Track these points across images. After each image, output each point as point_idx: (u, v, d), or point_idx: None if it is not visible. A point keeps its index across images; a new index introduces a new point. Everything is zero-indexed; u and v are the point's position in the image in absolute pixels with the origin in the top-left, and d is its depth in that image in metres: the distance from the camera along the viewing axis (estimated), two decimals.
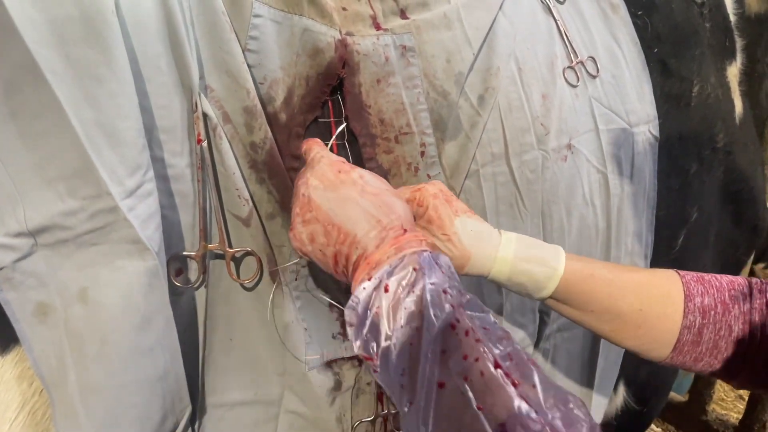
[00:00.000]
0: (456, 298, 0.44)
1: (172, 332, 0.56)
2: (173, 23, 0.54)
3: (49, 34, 0.45)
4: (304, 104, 0.65)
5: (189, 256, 0.61)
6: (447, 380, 0.39)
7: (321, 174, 0.55)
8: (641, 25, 0.92)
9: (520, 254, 0.60)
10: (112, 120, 0.49)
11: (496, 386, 0.38)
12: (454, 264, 0.57)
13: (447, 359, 0.40)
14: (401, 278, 0.46)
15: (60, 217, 0.48)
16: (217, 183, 0.60)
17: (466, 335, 0.41)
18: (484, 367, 0.39)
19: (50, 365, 0.51)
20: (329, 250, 0.53)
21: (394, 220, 0.52)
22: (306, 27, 0.62)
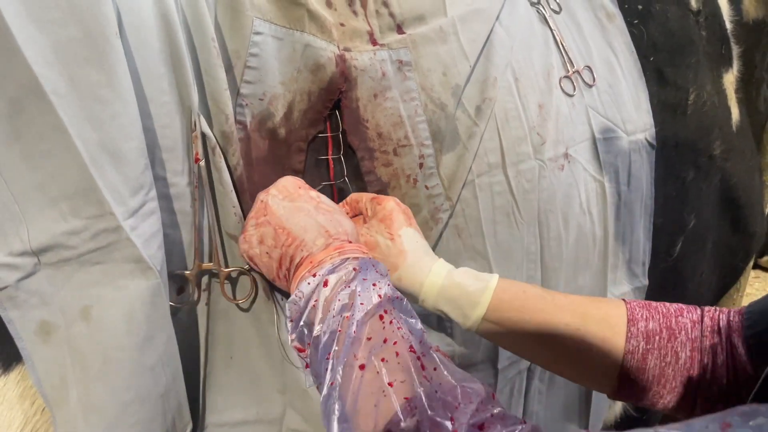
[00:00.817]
0: (386, 293, 0.48)
1: (173, 350, 0.56)
2: (175, 44, 0.55)
3: (52, 56, 0.46)
4: (306, 119, 0.65)
5: (186, 275, 0.61)
6: (367, 363, 0.43)
7: (282, 186, 0.59)
8: (637, 34, 0.93)
9: (455, 270, 0.63)
10: (115, 140, 0.49)
11: (406, 366, 0.42)
12: (390, 262, 0.62)
13: (370, 344, 0.44)
14: (340, 275, 0.50)
15: (63, 237, 0.49)
16: (214, 202, 0.60)
17: (390, 323, 0.45)
18: (400, 349, 0.43)
19: (53, 384, 0.51)
20: (276, 252, 0.56)
21: (341, 232, 0.56)
22: (308, 43, 0.63)
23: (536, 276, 0.80)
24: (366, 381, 0.42)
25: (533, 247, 0.79)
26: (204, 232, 0.61)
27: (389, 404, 0.40)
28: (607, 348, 0.56)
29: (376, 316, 0.46)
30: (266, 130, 0.63)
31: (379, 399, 0.40)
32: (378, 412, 0.40)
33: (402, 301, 0.50)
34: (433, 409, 0.39)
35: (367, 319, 0.46)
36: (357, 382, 0.42)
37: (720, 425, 0.29)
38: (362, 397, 0.41)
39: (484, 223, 0.74)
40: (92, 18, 0.47)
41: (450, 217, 0.73)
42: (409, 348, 0.43)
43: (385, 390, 0.41)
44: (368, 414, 0.40)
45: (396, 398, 0.40)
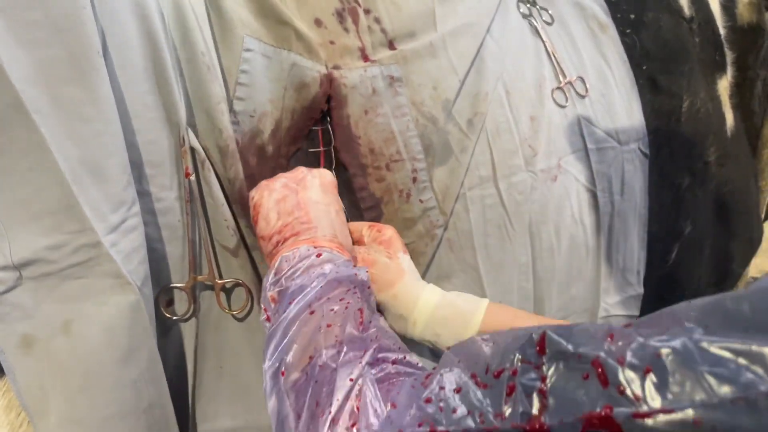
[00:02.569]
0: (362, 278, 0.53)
1: (156, 365, 0.56)
2: (160, 61, 0.55)
3: (35, 75, 0.46)
4: (288, 137, 0.66)
5: (179, 287, 0.61)
6: (317, 309, 0.48)
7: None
8: (630, 43, 0.93)
9: (447, 292, 0.65)
10: (97, 158, 0.50)
11: (347, 317, 0.47)
12: (388, 277, 0.64)
13: (327, 299, 0.49)
14: (331, 256, 0.55)
15: (45, 251, 0.49)
16: (206, 215, 0.61)
17: (355, 294, 0.51)
18: (350, 306, 0.48)
19: (34, 396, 0.52)
20: (285, 218, 0.58)
21: (344, 239, 0.60)
22: (294, 62, 0.63)
23: (528, 287, 0.80)
24: (312, 320, 0.47)
25: (524, 258, 0.79)
26: (197, 244, 0.61)
27: (320, 337, 0.45)
28: None
29: (343, 284, 0.51)
30: (255, 147, 0.64)
31: (316, 333, 0.46)
32: (312, 342, 0.45)
33: (371, 295, 0.55)
34: (355, 343, 0.44)
35: (335, 284, 0.51)
36: (305, 319, 0.47)
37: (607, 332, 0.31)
38: (305, 330, 0.46)
39: (476, 236, 0.74)
40: (75, 37, 0.47)
41: (444, 231, 0.73)
42: (358, 309, 0.49)
43: (322, 327, 0.46)
44: (305, 343, 0.45)
45: (327, 334, 0.45)
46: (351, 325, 0.46)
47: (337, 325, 0.46)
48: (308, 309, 0.48)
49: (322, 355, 0.43)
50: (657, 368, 0.26)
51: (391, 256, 0.64)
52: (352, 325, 0.46)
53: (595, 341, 0.30)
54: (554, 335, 0.32)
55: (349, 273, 0.52)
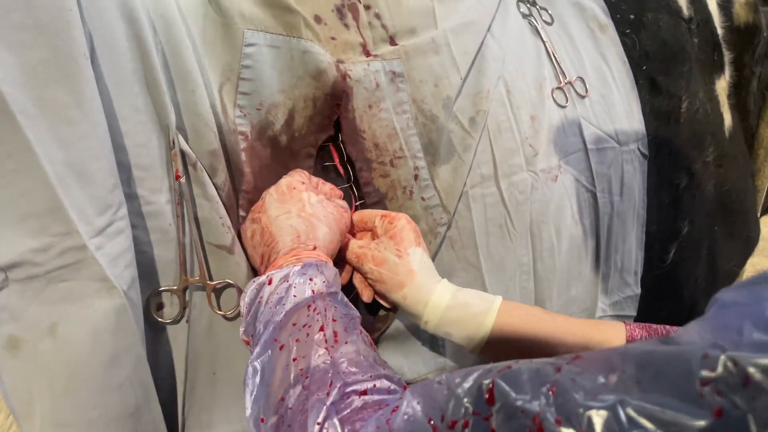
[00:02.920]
0: (319, 289, 0.53)
1: (144, 369, 0.56)
2: (149, 64, 0.55)
3: (21, 77, 0.46)
4: (313, 125, 0.65)
5: (170, 290, 0.61)
6: (285, 342, 0.48)
7: (279, 187, 0.62)
8: (629, 43, 0.93)
9: (459, 291, 0.64)
10: (82, 160, 0.50)
11: (311, 344, 0.46)
12: (397, 280, 0.64)
13: (293, 328, 0.49)
14: (283, 273, 0.54)
15: (31, 254, 0.49)
16: (196, 217, 0.60)
17: (314, 311, 0.50)
18: (311, 331, 0.48)
19: (20, 398, 0.52)
20: (260, 250, 0.61)
21: (310, 239, 0.59)
22: (306, 49, 0.63)
23: (529, 287, 0.80)
24: (280, 358, 0.47)
25: (525, 258, 0.79)
26: (187, 247, 0.61)
27: (289, 375, 0.45)
28: None
29: (305, 307, 0.50)
30: (267, 138, 0.64)
31: (285, 372, 0.45)
32: (282, 382, 0.45)
33: (337, 294, 0.54)
34: (321, 377, 0.43)
35: (295, 310, 0.50)
36: (274, 358, 0.47)
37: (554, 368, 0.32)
38: (276, 371, 0.46)
39: (477, 235, 0.74)
40: (60, 40, 0.47)
41: (447, 229, 0.73)
42: (319, 328, 0.48)
43: (289, 364, 0.46)
44: (277, 384, 0.45)
45: (294, 369, 0.45)
46: (315, 354, 0.46)
47: (301, 356, 0.46)
48: (276, 344, 0.48)
49: (290, 396, 0.43)
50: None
51: (401, 253, 0.64)
52: (316, 353, 0.46)
53: (539, 393, 0.30)
54: (503, 384, 0.32)
55: (304, 295, 0.52)
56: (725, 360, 0.24)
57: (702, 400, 0.24)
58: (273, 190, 0.62)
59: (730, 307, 0.28)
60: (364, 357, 0.46)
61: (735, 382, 0.24)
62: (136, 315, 0.55)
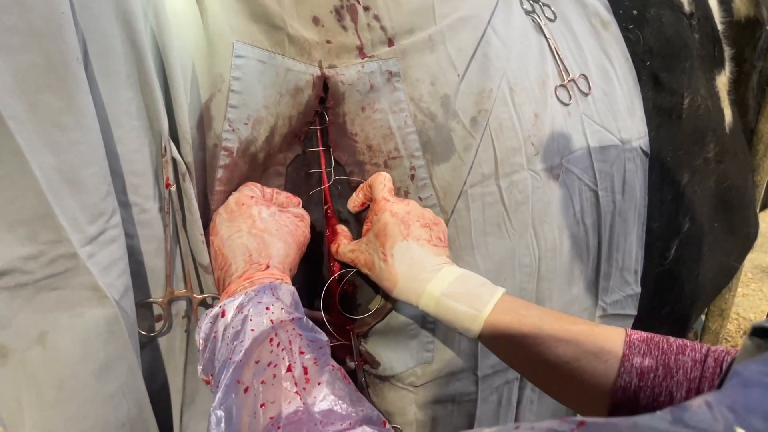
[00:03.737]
0: (278, 317, 0.49)
1: (136, 380, 0.55)
2: (143, 69, 0.53)
3: (12, 81, 0.44)
4: (284, 143, 0.64)
5: (156, 302, 0.60)
6: (250, 385, 0.44)
7: (227, 205, 0.60)
8: (633, 39, 0.92)
9: (450, 292, 0.60)
10: (74, 167, 0.48)
11: (279, 388, 0.43)
12: (386, 285, 0.62)
13: (256, 367, 0.45)
14: (237, 302, 0.51)
15: (20, 261, 0.48)
16: (185, 227, 0.59)
17: (277, 346, 0.46)
18: (278, 371, 0.44)
19: (9, 408, 0.51)
20: (216, 274, 0.59)
21: (263, 257, 0.56)
22: (288, 67, 0.62)
23: (530, 288, 0.79)
24: (246, 403, 0.44)
25: (527, 259, 0.78)
26: (176, 258, 0.60)
27: (258, 424, 0.42)
28: (598, 382, 0.54)
29: (266, 341, 0.47)
30: (249, 155, 0.62)
31: (252, 420, 0.42)
32: (251, 430, 0.42)
33: (301, 320, 0.51)
34: (293, 430, 0.40)
35: (255, 345, 0.47)
36: (240, 403, 0.44)
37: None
38: (243, 417, 0.43)
39: (475, 234, 0.73)
40: (53, 44, 0.45)
41: None
42: (287, 368, 0.44)
43: (256, 411, 0.42)
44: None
45: (262, 417, 0.42)
46: (286, 400, 0.42)
47: (270, 402, 0.43)
48: (240, 386, 0.45)
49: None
50: None
51: (384, 256, 0.62)
52: (285, 397, 0.43)
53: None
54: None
55: (262, 327, 0.49)
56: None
57: None
58: (222, 210, 0.60)
59: (753, 386, 0.26)
60: (341, 399, 0.43)
61: None
62: (128, 325, 0.54)
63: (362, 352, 0.73)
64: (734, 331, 2.26)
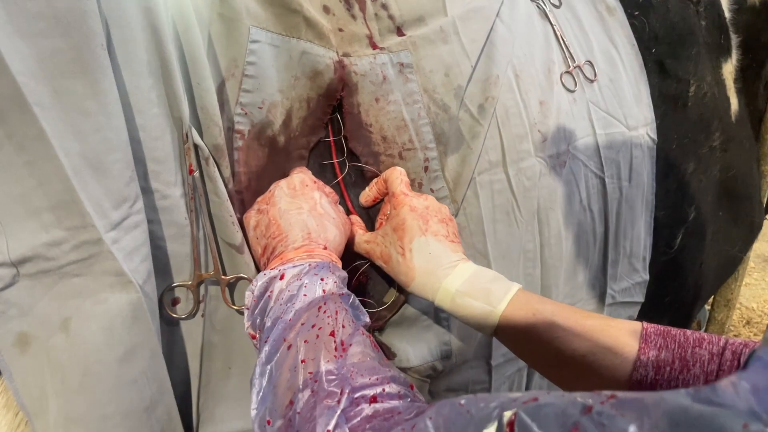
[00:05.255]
0: (330, 289, 0.52)
1: (158, 363, 0.55)
2: (164, 56, 0.53)
3: (36, 67, 0.44)
4: (306, 126, 0.64)
5: (185, 285, 0.60)
6: (292, 342, 0.47)
7: (290, 181, 0.62)
8: (638, 25, 0.92)
9: (465, 289, 0.60)
10: (98, 153, 0.48)
11: (320, 346, 0.45)
12: (402, 279, 0.63)
13: (301, 328, 0.48)
14: (296, 270, 0.53)
15: (43, 248, 0.48)
16: (209, 212, 0.59)
17: (324, 313, 0.49)
18: (321, 333, 0.47)
19: (32, 395, 0.51)
20: (263, 241, 0.59)
21: (322, 238, 0.59)
22: (304, 50, 0.62)
23: (535, 274, 0.79)
24: (287, 359, 0.46)
25: (530, 245, 0.78)
26: (201, 241, 0.60)
27: (297, 377, 0.44)
28: (614, 376, 0.54)
29: (315, 307, 0.50)
30: (265, 138, 0.62)
31: (292, 373, 0.44)
32: (290, 384, 0.44)
33: (349, 297, 0.53)
34: (330, 382, 0.42)
35: (304, 309, 0.50)
36: (281, 359, 0.46)
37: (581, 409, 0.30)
38: (282, 372, 0.45)
39: (485, 222, 0.73)
40: (78, 30, 0.45)
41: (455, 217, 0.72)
42: (330, 333, 0.47)
43: (297, 366, 0.45)
44: (284, 386, 0.44)
45: (302, 372, 0.44)
46: (324, 357, 0.44)
47: (310, 359, 0.45)
48: (284, 344, 0.47)
49: (299, 400, 0.42)
50: None
51: (402, 250, 0.62)
52: (325, 356, 0.45)
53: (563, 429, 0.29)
54: (526, 419, 0.31)
55: (315, 295, 0.51)
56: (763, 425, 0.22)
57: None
58: (284, 184, 0.61)
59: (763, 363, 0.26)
60: (371, 359, 0.45)
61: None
62: (151, 309, 0.54)
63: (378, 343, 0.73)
64: (737, 321, 2.25)
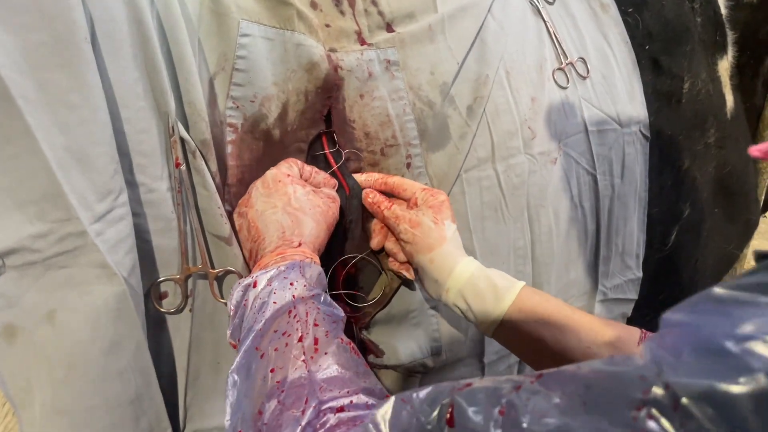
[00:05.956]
0: (300, 294, 0.52)
1: (144, 356, 0.55)
2: (149, 50, 0.54)
3: (21, 60, 0.45)
4: (304, 119, 0.64)
5: (173, 279, 0.60)
6: (264, 351, 0.47)
7: (264, 180, 0.62)
8: (632, 22, 0.91)
9: (484, 268, 0.64)
10: (83, 146, 0.49)
11: (288, 355, 0.46)
12: (429, 241, 0.64)
13: (273, 335, 0.48)
14: (268, 276, 0.54)
15: (29, 240, 0.48)
16: (196, 205, 0.60)
17: (294, 317, 0.49)
18: (290, 340, 0.47)
19: (18, 386, 0.51)
20: (248, 245, 0.61)
21: (295, 235, 0.59)
22: (299, 42, 0.62)
23: (526, 271, 0.79)
24: (260, 367, 0.46)
25: (521, 242, 0.78)
26: (188, 235, 0.60)
27: (266, 387, 0.44)
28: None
29: (285, 313, 0.50)
30: (260, 131, 0.63)
31: (262, 383, 0.45)
32: (260, 394, 0.44)
33: (320, 296, 0.53)
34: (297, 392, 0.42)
35: (275, 316, 0.50)
36: (254, 368, 0.47)
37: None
38: (255, 381, 0.46)
39: (472, 219, 0.73)
40: (62, 23, 0.46)
41: None
42: (298, 338, 0.47)
43: (266, 375, 0.45)
44: (255, 395, 0.45)
45: (271, 382, 0.44)
46: (293, 367, 0.45)
47: (279, 368, 0.45)
48: (257, 353, 0.48)
49: (267, 410, 0.43)
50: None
51: (437, 221, 0.64)
52: (293, 366, 0.45)
53: (491, 414, 0.31)
54: (461, 402, 0.33)
55: (284, 300, 0.51)
56: (659, 384, 0.25)
57: (634, 424, 0.25)
58: (259, 184, 0.61)
59: (672, 328, 0.28)
60: (345, 369, 0.45)
61: (666, 406, 0.24)
62: (136, 302, 0.54)
63: (365, 341, 0.73)
64: None
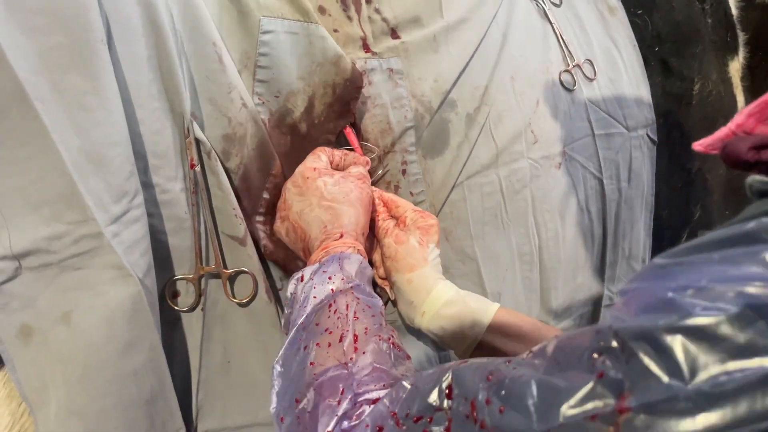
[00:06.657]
0: (338, 287, 0.53)
1: (159, 357, 0.56)
2: (165, 51, 0.54)
3: (38, 62, 0.45)
4: (332, 112, 0.65)
5: (186, 279, 0.61)
6: (307, 344, 0.49)
7: (294, 179, 0.62)
8: (641, 24, 0.91)
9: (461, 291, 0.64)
10: (99, 147, 0.49)
11: (328, 353, 0.47)
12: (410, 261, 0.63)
13: (315, 329, 0.50)
14: (311, 271, 0.55)
15: (44, 242, 0.49)
16: (211, 205, 0.60)
17: (334, 313, 0.51)
18: (332, 339, 0.48)
19: (33, 387, 0.52)
20: (299, 245, 0.62)
21: (336, 227, 0.60)
22: (323, 35, 0.62)
23: (533, 277, 0.79)
24: (300, 360, 0.48)
25: (526, 247, 0.78)
26: (202, 236, 0.61)
27: (304, 376, 0.46)
28: None
29: (325, 307, 0.51)
30: (286, 126, 0.64)
31: (302, 374, 0.47)
32: (300, 384, 0.46)
33: (359, 286, 0.54)
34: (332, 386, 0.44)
35: (315, 310, 0.51)
36: (296, 360, 0.48)
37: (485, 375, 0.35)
38: (295, 372, 0.48)
39: (473, 225, 0.73)
40: (78, 25, 0.46)
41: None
42: (339, 338, 0.48)
43: (306, 367, 0.47)
44: (296, 385, 0.46)
45: (309, 373, 0.46)
46: (331, 360, 0.46)
47: (318, 363, 0.46)
48: (299, 344, 0.49)
49: (305, 398, 0.44)
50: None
51: (422, 242, 0.64)
52: (331, 360, 0.46)
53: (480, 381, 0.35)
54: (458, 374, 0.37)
55: (323, 294, 0.52)
56: (610, 333, 0.30)
57: (594, 368, 0.30)
58: (290, 184, 0.62)
59: (625, 296, 0.33)
60: (381, 364, 0.46)
61: (616, 349, 0.29)
62: (151, 303, 0.55)
63: None
64: None
